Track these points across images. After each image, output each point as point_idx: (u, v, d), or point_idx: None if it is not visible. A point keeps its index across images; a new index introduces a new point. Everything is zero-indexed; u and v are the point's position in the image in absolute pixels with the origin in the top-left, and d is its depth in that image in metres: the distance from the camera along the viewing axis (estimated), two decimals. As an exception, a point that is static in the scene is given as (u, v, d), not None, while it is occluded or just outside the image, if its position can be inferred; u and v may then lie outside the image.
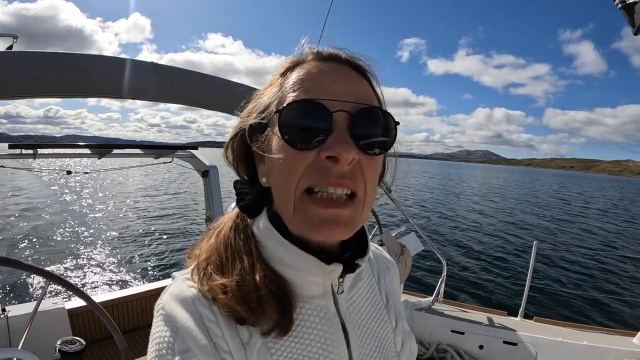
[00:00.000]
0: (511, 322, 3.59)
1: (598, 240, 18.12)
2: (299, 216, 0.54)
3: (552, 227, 21.34)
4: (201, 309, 0.54)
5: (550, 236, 18.43)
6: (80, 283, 8.77)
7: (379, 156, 0.57)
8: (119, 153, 4.21)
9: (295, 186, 0.53)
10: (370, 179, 0.56)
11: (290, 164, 0.53)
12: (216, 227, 0.67)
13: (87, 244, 12.45)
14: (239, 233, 0.63)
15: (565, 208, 34.23)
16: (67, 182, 31.75)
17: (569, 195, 52.58)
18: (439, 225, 18.77)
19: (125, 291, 4.14)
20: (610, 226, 23.58)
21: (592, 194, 61.98)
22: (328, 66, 0.58)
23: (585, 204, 41.24)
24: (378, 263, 0.81)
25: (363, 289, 0.71)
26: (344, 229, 0.54)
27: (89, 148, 4.05)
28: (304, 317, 0.60)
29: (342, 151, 0.50)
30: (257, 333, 0.55)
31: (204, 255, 0.62)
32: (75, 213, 18.10)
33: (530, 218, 24.78)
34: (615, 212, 34.04)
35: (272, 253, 0.60)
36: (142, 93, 2.52)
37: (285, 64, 0.62)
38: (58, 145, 4.08)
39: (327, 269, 0.58)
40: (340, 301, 0.64)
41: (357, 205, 0.55)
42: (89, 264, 10.32)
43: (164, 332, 0.54)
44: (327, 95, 0.53)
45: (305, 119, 0.52)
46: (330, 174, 0.51)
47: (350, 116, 0.53)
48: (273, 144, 0.56)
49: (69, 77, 2.22)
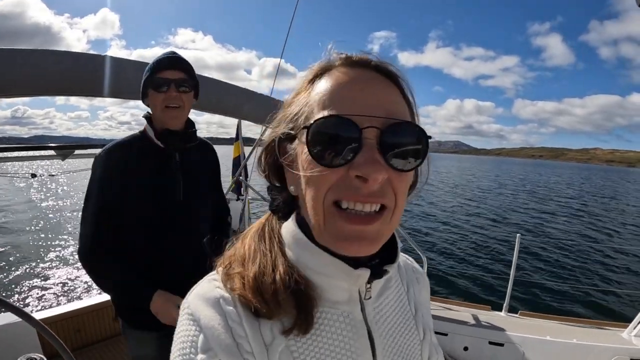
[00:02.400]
0: (496, 317, 3.54)
1: (581, 231, 18.51)
2: (328, 229, 0.53)
3: (533, 218, 21.73)
4: (226, 309, 0.55)
5: (533, 228, 18.66)
6: (46, 292, 8.38)
7: (409, 172, 0.55)
8: (84, 153, 3.96)
9: (323, 199, 0.53)
10: (401, 191, 0.54)
11: (318, 179, 0.52)
12: (245, 231, 0.68)
13: (53, 249, 11.94)
14: (265, 235, 0.64)
15: (541, 198, 35.13)
16: (36, 186, 30.46)
17: (545, 185, 54.01)
18: (415, 220, 18.75)
19: (98, 298, 3.89)
20: (591, 217, 24.13)
21: (566, 182, 63.76)
22: (357, 73, 0.56)
23: (562, 192, 42.54)
24: (407, 273, 0.80)
25: (391, 297, 0.70)
26: (370, 245, 0.53)
27: (52, 149, 3.80)
28: (329, 323, 0.59)
29: (371, 172, 0.49)
30: (279, 334, 0.55)
31: (228, 255, 0.63)
32: (41, 217, 17.42)
33: (508, 208, 25.32)
34: (593, 201, 35.02)
35: (298, 256, 0.59)
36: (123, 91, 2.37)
37: (313, 70, 0.60)
38: (20, 148, 3.81)
39: (353, 273, 0.57)
40: (367, 308, 0.63)
41: (386, 217, 0.53)
42: (56, 270, 9.88)
43: (188, 331, 0.54)
44: (356, 108, 0.52)
45: (333, 135, 0.51)
46: (359, 193, 0.50)
47: (380, 132, 0.51)
48: (302, 157, 0.55)
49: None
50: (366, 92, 0.54)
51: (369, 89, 0.54)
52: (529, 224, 19.75)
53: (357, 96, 0.53)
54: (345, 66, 0.58)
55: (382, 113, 0.52)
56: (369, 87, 0.55)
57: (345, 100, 0.53)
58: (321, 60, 0.61)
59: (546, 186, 52.03)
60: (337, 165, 0.51)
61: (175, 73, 1.58)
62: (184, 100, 1.61)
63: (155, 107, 1.60)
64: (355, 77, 0.55)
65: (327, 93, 0.55)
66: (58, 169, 6.18)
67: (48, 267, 10.11)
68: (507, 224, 19.68)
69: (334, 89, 0.55)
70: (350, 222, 0.51)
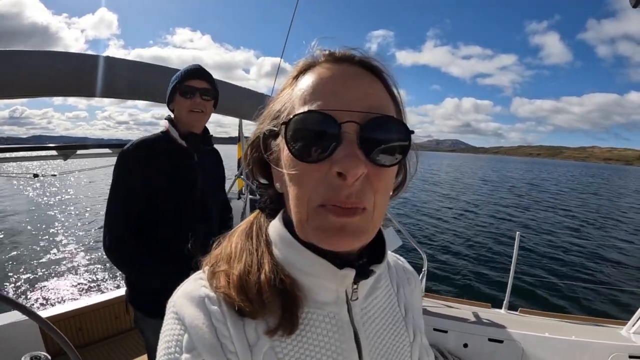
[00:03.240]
0: (496, 315, 3.54)
1: (579, 228, 18.50)
2: (311, 224, 0.52)
3: (532, 215, 21.69)
4: (211, 308, 0.54)
5: (532, 225, 18.61)
6: (47, 291, 8.40)
7: (390, 167, 0.54)
8: (85, 153, 3.97)
9: (307, 200, 0.52)
10: (381, 189, 0.53)
11: (300, 177, 0.52)
12: (233, 230, 0.67)
13: (49, 249, 11.95)
14: (253, 233, 0.63)
15: (541, 195, 35.09)
16: (38, 186, 30.36)
17: (542, 182, 53.84)
18: (413, 217, 18.77)
19: (99, 297, 3.91)
20: (592, 213, 24.14)
21: (566, 179, 63.50)
22: (340, 69, 0.56)
23: (559, 190, 42.50)
24: (398, 274, 0.79)
25: (380, 298, 0.69)
26: (353, 238, 0.52)
27: (54, 149, 3.80)
28: (315, 324, 0.58)
29: (349, 167, 0.48)
30: (264, 334, 0.54)
31: (215, 254, 0.63)
32: (43, 217, 17.37)
33: (508, 205, 25.26)
34: (591, 197, 35.00)
35: (284, 255, 0.59)
36: (115, 91, 2.38)
37: (298, 67, 0.60)
38: (21, 148, 3.81)
39: (339, 273, 0.56)
40: (354, 309, 0.62)
41: (367, 215, 0.52)
42: (60, 270, 9.90)
43: (173, 330, 0.54)
44: (337, 103, 0.51)
45: (312, 131, 0.51)
46: (339, 193, 0.49)
47: (359, 127, 0.50)
48: (284, 154, 0.55)
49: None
50: (348, 87, 0.53)
51: (351, 84, 0.54)
52: (528, 221, 19.74)
53: (338, 91, 0.53)
54: (329, 62, 0.57)
55: (363, 108, 0.51)
56: (351, 81, 0.54)
57: (325, 95, 0.53)
58: (306, 57, 0.60)
59: (544, 183, 51.92)
60: (316, 162, 0.50)
61: (200, 82, 1.77)
62: (206, 107, 1.81)
63: (181, 111, 1.79)
64: (337, 73, 0.55)
65: (309, 89, 0.54)
66: (59, 169, 6.15)
67: (50, 266, 10.13)
68: (507, 221, 19.65)
69: (316, 84, 0.54)
70: (333, 214, 0.50)
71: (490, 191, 36.05)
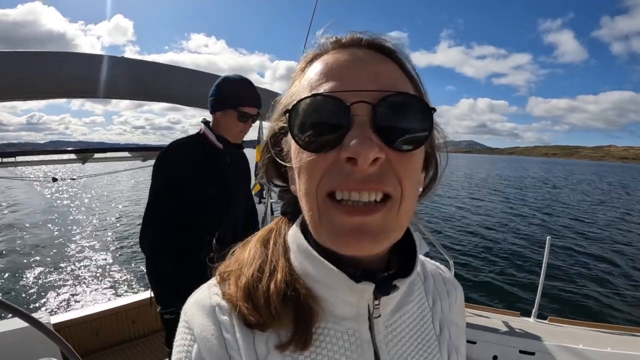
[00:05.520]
0: (525, 324, 3.41)
1: (612, 232, 17.57)
2: (324, 225, 0.47)
3: (561, 219, 20.78)
4: (221, 318, 0.52)
5: (562, 229, 17.74)
6: (65, 295, 8.44)
7: (414, 152, 0.48)
8: (103, 157, 3.97)
9: (316, 190, 0.47)
10: (407, 177, 0.47)
11: (308, 168, 0.47)
12: (250, 236, 0.64)
13: (68, 253, 12.00)
14: (271, 240, 0.60)
15: (569, 197, 33.98)
16: (56, 190, 30.90)
17: (572, 184, 52.35)
18: (437, 221, 18.14)
19: (117, 301, 3.91)
20: (624, 218, 23.02)
21: (595, 182, 61.43)
22: (347, 53, 0.51)
23: (589, 192, 41.08)
24: (436, 285, 0.70)
25: (411, 314, 0.62)
26: (373, 240, 0.45)
27: (72, 153, 3.83)
28: (332, 340, 0.53)
29: (360, 150, 0.42)
30: (274, 349, 0.50)
31: (230, 261, 0.60)
32: (62, 221, 17.55)
33: (537, 209, 24.36)
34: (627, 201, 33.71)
35: (301, 264, 0.54)
36: (116, 91, 2.33)
37: (306, 58, 0.57)
38: (40, 152, 3.84)
39: (355, 287, 0.50)
40: (376, 327, 0.55)
41: (391, 208, 0.46)
42: (77, 274, 9.92)
43: (184, 340, 0.53)
44: (343, 86, 0.47)
45: (318, 116, 0.46)
46: (352, 178, 0.44)
47: (371, 107, 0.45)
48: (292, 148, 0.51)
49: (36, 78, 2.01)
50: (356, 69, 0.49)
51: (359, 66, 0.49)
52: (559, 226, 18.85)
53: (345, 73, 0.49)
54: (336, 48, 0.54)
55: (375, 87, 0.47)
56: (360, 64, 0.50)
57: (332, 79, 0.49)
58: (313, 47, 0.57)
59: (572, 185, 50.54)
60: (325, 150, 0.46)
61: (254, 110, 1.96)
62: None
63: (231, 128, 1.97)
64: (345, 57, 0.51)
65: (315, 76, 0.51)
66: (78, 173, 6.31)
67: (67, 270, 10.20)
68: (535, 224, 18.93)
69: (321, 70, 0.50)
70: (347, 214, 0.45)
71: (512, 193, 35.18)
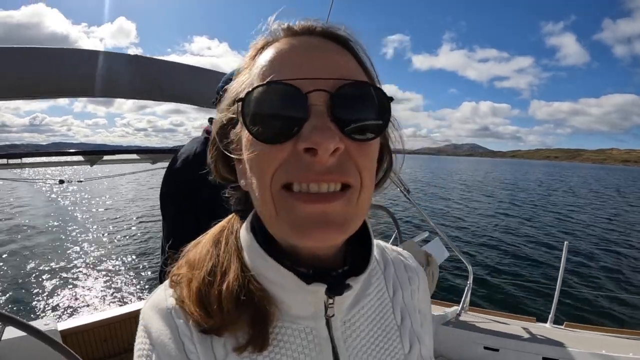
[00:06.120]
0: (543, 330, 3.33)
1: (630, 235, 17.12)
2: (283, 218, 0.45)
3: (575, 223, 20.22)
4: (177, 322, 0.51)
5: (579, 233, 17.17)
6: (72, 301, 8.35)
7: (372, 142, 0.47)
8: (112, 159, 3.90)
9: (270, 182, 0.45)
10: (367, 167, 0.47)
11: (262, 160, 0.45)
12: (202, 235, 0.62)
13: (76, 258, 11.83)
14: (222, 239, 0.58)
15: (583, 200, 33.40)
16: (63, 192, 30.72)
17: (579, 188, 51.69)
18: (450, 225, 17.78)
19: (125, 308, 3.85)
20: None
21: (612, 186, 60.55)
22: (301, 41, 0.50)
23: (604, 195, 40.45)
24: (397, 272, 0.69)
25: (369, 307, 0.61)
26: (337, 230, 0.45)
27: (80, 155, 3.75)
28: (290, 339, 0.53)
29: (320, 140, 0.41)
30: (232, 351, 0.50)
31: (184, 260, 0.58)
32: (69, 224, 17.36)
33: (547, 212, 23.94)
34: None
35: (254, 264, 0.53)
36: (119, 90, 2.25)
37: (255, 46, 0.54)
38: (47, 154, 3.77)
39: (306, 289, 0.49)
40: (333, 323, 0.55)
41: (351, 196, 0.46)
42: (84, 280, 9.78)
43: (143, 345, 0.53)
44: (299, 74, 0.45)
45: (274, 106, 0.45)
46: (311, 170, 0.43)
47: (330, 96, 0.44)
48: (243, 139, 0.49)
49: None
50: (311, 57, 0.47)
51: (314, 54, 0.48)
52: (575, 229, 18.22)
53: (301, 61, 0.47)
54: (288, 36, 0.52)
55: (332, 76, 0.45)
56: (315, 52, 0.48)
57: (286, 67, 0.46)
58: (264, 34, 0.54)
59: (581, 188, 50.05)
60: (280, 140, 0.44)
61: None
62: None
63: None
64: (298, 45, 0.49)
65: (267, 63, 0.48)
66: (85, 175, 6.20)
67: (76, 276, 10.09)
68: (548, 226, 18.52)
69: (275, 58, 0.48)
70: (307, 202, 0.43)
71: (523, 197, 34.64)
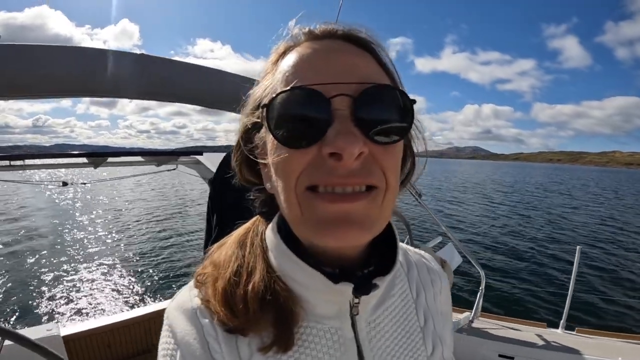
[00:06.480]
0: (556, 336, 3.26)
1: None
2: (307, 217, 0.46)
3: (588, 226, 19.88)
4: (203, 321, 0.51)
5: (591, 239, 16.75)
6: (75, 306, 8.25)
7: (396, 144, 0.47)
8: (116, 161, 3.85)
9: (295, 185, 0.45)
10: (391, 168, 0.47)
11: (287, 164, 0.45)
12: (227, 236, 0.63)
13: (79, 261, 11.67)
14: (248, 240, 0.58)
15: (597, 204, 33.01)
16: (63, 195, 30.42)
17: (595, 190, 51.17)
18: (457, 227, 17.55)
19: (129, 313, 3.81)
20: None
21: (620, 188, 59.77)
22: (322, 45, 0.50)
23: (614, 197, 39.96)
24: (420, 275, 0.69)
25: (393, 308, 0.61)
26: (360, 230, 0.45)
27: (84, 157, 3.70)
28: (314, 339, 0.52)
29: (344, 144, 0.42)
30: (257, 351, 0.50)
31: (209, 261, 0.59)
32: (72, 228, 17.15)
33: (564, 217, 23.43)
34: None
35: (279, 265, 0.53)
36: (125, 90, 2.19)
37: (277, 51, 0.55)
38: (50, 155, 3.72)
39: (334, 288, 0.49)
40: (358, 324, 0.55)
41: (376, 197, 0.45)
42: (87, 285, 9.64)
43: (167, 344, 0.53)
44: (321, 79, 0.45)
45: (297, 111, 0.45)
46: (335, 173, 0.43)
47: (352, 100, 0.44)
48: (268, 143, 0.49)
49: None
50: (333, 61, 0.47)
51: (336, 58, 0.48)
52: (587, 233, 17.93)
53: (323, 66, 0.47)
54: (310, 40, 0.52)
55: (354, 80, 0.45)
56: (337, 55, 0.48)
57: (309, 72, 0.47)
58: (285, 38, 0.55)
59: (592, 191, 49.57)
60: (305, 145, 0.44)
61: None
62: None
63: None
64: (320, 48, 0.50)
65: (290, 69, 0.49)
66: (89, 178, 5.99)
67: (78, 280, 9.95)
68: (560, 230, 18.28)
69: (297, 63, 0.49)
70: (331, 202, 0.43)
71: (530, 200, 34.17)
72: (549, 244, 14.84)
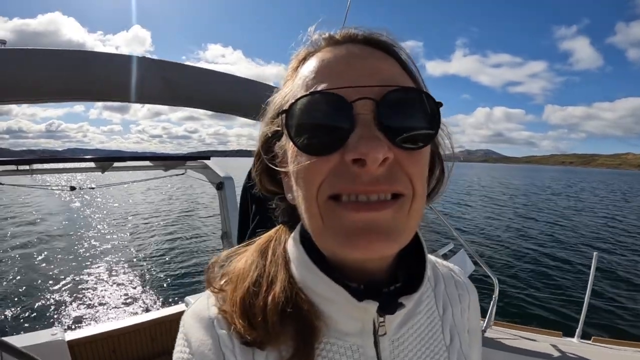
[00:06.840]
0: (572, 346, 3.14)
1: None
2: (329, 228, 0.44)
3: (604, 232, 19.43)
4: (219, 332, 0.50)
5: (607, 245, 16.39)
6: (80, 311, 8.26)
7: (422, 149, 0.45)
8: (123, 166, 3.85)
9: (317, 194, 0.44)
10: (418, 174, 0.44)
11: (308, 172, 0.44)
12: (250, 242, 0.61)
13: (85, 266, 11.70)
14: (269, 249, 0.56)
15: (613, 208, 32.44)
16: (73, 199, 30.58)
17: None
18: (468, 231, 17.43)
19: (135, 318, 3.78)
20: None
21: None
22: (343, 49, 0.49)
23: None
24: (447, 289, 0.66)
25: (419, 326, 0.58)
26: (386, 240, 0.42)
27: (91, 161, 3.71)
28: (335, 356, 0.50)
29: (368, 150, 0.40)
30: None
31: (226, 270, 0.57)
32: (78, 232, 17.29)
33: (571, 221, 23.17)
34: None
35: (302, 277, 0.51)
36: (151, 97, 2.17)
37: (298, 57, 0.54)
38: (58, 160, 3.72)
39: (358, 305, 0.47)
40: (382, 343, 0.52)
41: (402, 205, 0.43)
42: (92, 289, 9.68)
43: (182, 354, 0.52)
44: (343, 83, 0.44)
45: (318, 116, 0.43)
46: (359, 181, 0.41)
47: (375, 104, 0.43)
48: (289, 152, 0.48)
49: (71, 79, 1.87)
50: (355, 65, 0.46)
51: (357, 62, 0.47)
52: (605, 240, 17.45)
53: (344, 70, 0.46)
54: (331, 45, 0.52)
55: (376, 83, 0.44)
56: (358, 59, 0.47)
57: (330, 76, 0.46)
58: (305, 44, 0.54)
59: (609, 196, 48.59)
60: (327, 152, 0.43)
61: None
62: None
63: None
64: (341, 53, 0.49)
65: (310, 74, 0.48)
66: (97, 182, 6.03)
67: (84, 285, 9.98)
68: (574, 234, 18.00)
69: (318, 68, 0.48)
70: (356, 210, 0.41)
71: (544, 204, 33.69)
72: (564, 250, 14.60)
